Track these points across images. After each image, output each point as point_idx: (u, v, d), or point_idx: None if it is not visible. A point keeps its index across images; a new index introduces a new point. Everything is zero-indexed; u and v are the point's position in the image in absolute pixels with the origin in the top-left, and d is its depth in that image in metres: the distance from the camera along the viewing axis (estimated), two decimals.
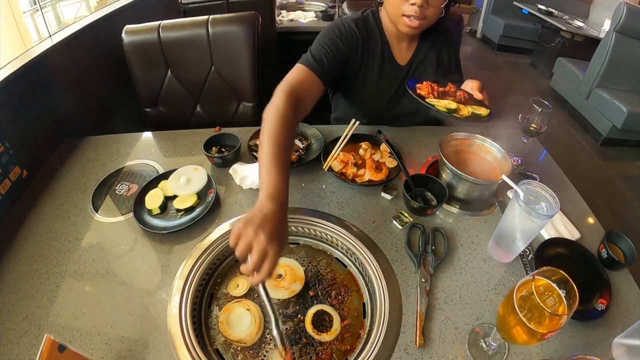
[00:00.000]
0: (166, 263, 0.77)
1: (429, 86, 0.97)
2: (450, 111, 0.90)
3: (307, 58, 0.96)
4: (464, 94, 0.99)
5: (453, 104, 0.92)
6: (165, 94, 1.37)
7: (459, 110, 0.91)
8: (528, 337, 0.52)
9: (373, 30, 1.07)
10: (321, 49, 0.98)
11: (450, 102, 0.92)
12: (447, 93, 0.99)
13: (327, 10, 2.52)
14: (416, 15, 0.92)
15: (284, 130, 0.75)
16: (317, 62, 0.95)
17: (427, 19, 0.94)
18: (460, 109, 0.92)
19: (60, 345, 0.52)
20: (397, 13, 0.95)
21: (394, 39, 1.08)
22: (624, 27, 2.80)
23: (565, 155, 2.81)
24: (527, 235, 0.71)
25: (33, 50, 1.08)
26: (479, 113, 0.93)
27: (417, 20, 0.93)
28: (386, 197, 0.93)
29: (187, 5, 1.94)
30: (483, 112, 0.93)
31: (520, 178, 1.02)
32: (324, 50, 0.97)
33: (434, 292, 0.73)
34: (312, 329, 0.69)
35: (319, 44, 0.99)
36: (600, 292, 0.73)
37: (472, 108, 0.94)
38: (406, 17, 0.93)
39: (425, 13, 0.92)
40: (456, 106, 0.91)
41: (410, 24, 0.94)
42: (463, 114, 0.91)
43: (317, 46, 0.99)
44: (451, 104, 0.92)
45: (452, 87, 1.00)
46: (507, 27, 4.49)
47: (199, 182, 0.91)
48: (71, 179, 0.98)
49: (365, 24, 1.05)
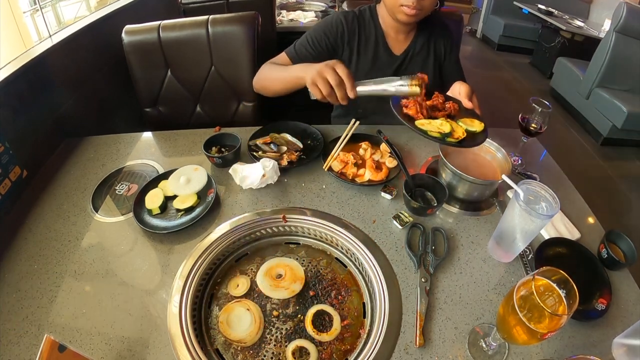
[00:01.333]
0: (166, 263, 0.77)
1: (416, 104, 0.89)
2: (443, 135, 0.83)
3: (290, 48, 1.10)
4: (453, 105, 0.94)
5: (446, 125, 0.85)
6: (165, 94, 1.37)
7: (453, 132, 0.85)
8: (528, 337, 0.52)
9: (367, 23, 1.13)
10: (305, 41, 1.09)
11: (443, 123, 0.86)
12: (436, 107, 0.93)
13: (327, 10, 2.53)
14: (413, 5, 0.98)
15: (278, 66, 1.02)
16: (297, 52, 1.08)
17: (423, 9, 1.01)
18: (454, 129, 0.86)
19: (60, 345, 0.52)
20: (395, 3, 1.01)
21: (391, 29, 1.13)
22: (624, 27, 2.80)
23: (565, 155, 2.81)
24: (527, 235, 0.71)
25: (33, 50, 1.08)
26: (473, 130, 0.88)
27: (414, 9, 0.99)
28: (386, 197, 0.93)
29: (187, 5, 1.94)
30: (477, 127, 0.89)
31: (520, 178, 1.02)
32: (307, 42, 1.08)
33: (434, 292, 0.73)
34: (312, 329, 0.69)
35: (305, 37, 1.10)
36: (600, 292, 0.73)
37: (464, 123, 0.89)
38: (404, 6, 0.99)
39: (422, 3, 0.99)
40: (450, 128, 0.85)
41: (409, 12, 0.99)
42: (458, 136, 0.85)
43: (303, 39, 1.10)
44: (444, 124, 0.85)
45: (439, 97, 0.95)
46: (507, 26, 4.50)
47: (199, 182, 0.91)
48: (71, 179, 0.98)
49: (357, 17, 1.12)
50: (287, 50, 1.10)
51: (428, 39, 1.16)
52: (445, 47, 1.19)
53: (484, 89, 3.65)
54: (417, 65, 1.17)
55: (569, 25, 3.70)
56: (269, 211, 0.88)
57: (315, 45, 1.09)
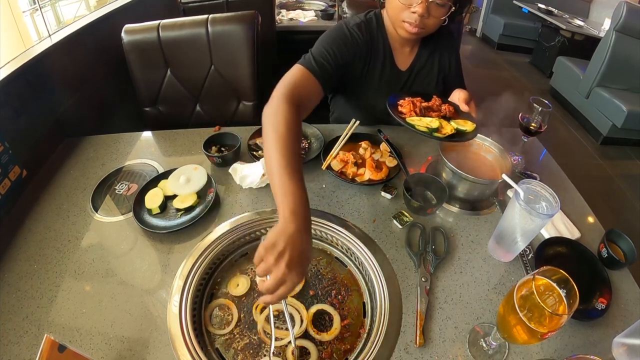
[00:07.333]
0: (166, 263, 0.77)
1: (410, 103, 0.93)
2: (431, 130, 0.85)
3: (308, 60, 0.92)
4: (449, 107, 0.95)
5: (435, 122, 0.86)
6: (164, 94, 1.37)
7: (441, 128, 0.86)
8: (528, 337, 0.52)
9: (375, 34, 1.04)
10: (324, 53, 0.93)
11: (433, 120, 0.87)
12: (431, 108, 0.95)
13: (326, 10, 2.52)
14: (416, 24, 0.91)
15: (292, 134, 0.69)
16: (319, 66, 0.90)
17: (426, 28, 0.94)
18: (444, 126, 0.88)
19: (60, 345, 0.52)
20: (398, 18, 0.94)
21: (397, 42, 1.06)
22: (624, 26, 2.80)
23: (565, 155, 2.81)
24: (527, 234, 0.71)
25: (32, 49, 1.08)
26: (463, 129, 0.89)
27: (416, 27, 0.92)
28: (386, 196, 0.93)
29: (186, 4, 1.94)
30: (468, 128, 0.90)
31: (521, 177, 1.02)
32: (327, 54, 0.93)
33: (434, 291, 0.73)
34: (312, 329, 0.69)
35: (322, 48, 0.95)
36: (600, 291, 0.73)
37: (456, 123, 0.90)
38: (406, 23, 0.93)
39: (425, 22, 0.92)
40: (438, 124, 0.86)
41: (410, 29, 0.93)
42: (445, 132, 0.86)
43: (320, 50, 0.94)
44: (433, 122, 0.87)
45: (437, 101, 0.97)
46: (507, 26, 4.49)
47: (199, 181, 0.91)
48: (71, 179, 0.98)
49: (368, 27, 1.03)
50: (304, 62, 0.91)
51: (433, 52, 1.11)
52: (450, 60, 1.14)
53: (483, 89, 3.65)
54: (421, 79, 1.12)
55: (568, 24, 3.70)
56: (269, 211, 0.88)
57: (337, 58, 0.94)
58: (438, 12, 0.91)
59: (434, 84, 1.14)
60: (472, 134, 0.89)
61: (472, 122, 0.92)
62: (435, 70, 1.13)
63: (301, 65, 0.90)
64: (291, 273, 0.54)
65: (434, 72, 1.13)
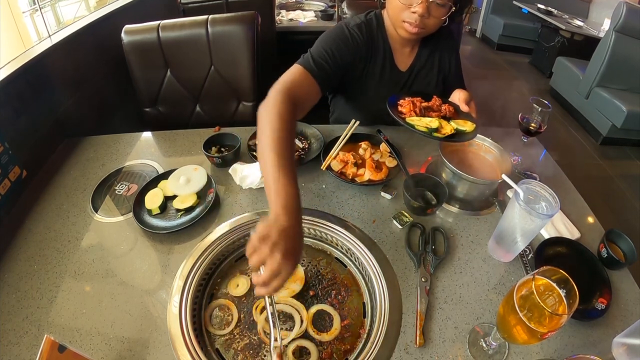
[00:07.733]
0: (166, 263, 0.77)
1: (410, 103, 0.93)
2: (430, 130, 0.85)
3: (307, 60, 0.91)
4: (449, 107, 0.95)
5: (435, 122, 0.87)
6: (164, 94, 1.37)
7: (440, 128, 0.87)
8: (528, 337, 0.52)
9: (376, 35, 1.04)
10: (323, 53, 0.93)
11: (433, 120, 0.87)
12: (431, 108, 0.95)
13: (326, 10, 2.52)
14: (416, 24, 0.91)
15: (286, 131, 0.69)
16: (318, 66, 0.90)
17: (426, 28, 0.94)
18: (443, 126, 0.88)
19: (60, 345, 0.52)
20: (398, 18, 0.94)
21: (397, 43, 1.06)
22: (623, 27, 2.80)
23: (565, 155, 2.82)
24: (527, 234, 0.71)
25: (32, 50, 1.08)
26: (463, 129, 0.90)
27: (416, 27, 0.92)
28: (386, 196, 0.93)
29: (186, 5, 1.94)
30: (468, 128, 0.90)
31: (520, 177, 1.02)
32: (326, 54, 0.93)
33: (434, 291, 0.73)
34: (312, 329, 0.69)
35: (321, 48, 0.94)
36: (600, 291, 0.73)
37: (456, 123, 0.90)
38: (406, 23, 0.93)
39: (426, 22, 0.92)
40: (438, 124, 0.86)
41: (410, 29, 0.93)
42: (445, 132, 0.86)
43: (319, 50, 0.94)
44: (433, 122, 0.87)
45: (437, 101, 0.97)
46: (507, 26, 4.49)
47: (199, 182, 0.91)
48: (71, 179, 0.98)
49: (368, 28, 1.03)
50: (302, 62, 0.91)
51: (433, 52, 1.10)
52: (450, 61, 1.14)
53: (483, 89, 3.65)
54: (421, 80, 1.12)
55: (568, 24, 3.70)
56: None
57: (337, 59, 0.94)
58: (438, 12, 0.91)
59: (433, 85, 1.14)
60: (472, 134, 0.89)
61: (472, 122, 0.93)
62: (435, 70, 1.12)
63: (299, 65, 0.90)
64: (286, 262, 0.54)
65: (434, 72, 1.13)
